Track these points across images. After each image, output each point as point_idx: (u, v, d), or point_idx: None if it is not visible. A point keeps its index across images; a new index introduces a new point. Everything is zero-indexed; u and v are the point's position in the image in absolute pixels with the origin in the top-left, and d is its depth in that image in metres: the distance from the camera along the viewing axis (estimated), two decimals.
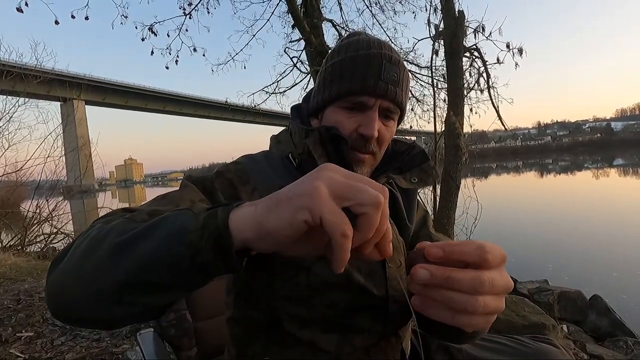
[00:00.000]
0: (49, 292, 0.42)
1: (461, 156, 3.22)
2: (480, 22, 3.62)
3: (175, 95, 72.10)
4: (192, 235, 0.36)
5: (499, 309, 0.40)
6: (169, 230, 0.37)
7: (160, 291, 0.38)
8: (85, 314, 0.41)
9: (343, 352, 0.60)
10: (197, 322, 0.96)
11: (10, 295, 2.97)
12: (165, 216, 0.40)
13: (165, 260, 0.36)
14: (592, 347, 2.31)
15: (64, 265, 0.41)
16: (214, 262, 0.36)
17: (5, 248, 5.74)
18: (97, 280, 0.38)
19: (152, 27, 4.26)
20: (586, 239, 6.56)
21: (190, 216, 0.38)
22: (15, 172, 6.75)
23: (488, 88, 3.91)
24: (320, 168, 0.36)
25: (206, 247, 0.36)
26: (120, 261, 0.38)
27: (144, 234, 0.38)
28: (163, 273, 0.37)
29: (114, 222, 0.43)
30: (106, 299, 0.38)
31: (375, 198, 0.32)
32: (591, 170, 28.04)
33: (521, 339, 0.73)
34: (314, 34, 4.09)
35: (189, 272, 0.37)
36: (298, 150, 0.68)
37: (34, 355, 1.97)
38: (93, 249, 0.40)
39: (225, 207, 0.38)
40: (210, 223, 0.36)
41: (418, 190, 0.77)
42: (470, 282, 0.37)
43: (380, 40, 0.67)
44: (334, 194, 0.33)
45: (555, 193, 15.19)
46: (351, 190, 0.33)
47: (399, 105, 0.65)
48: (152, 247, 0.37)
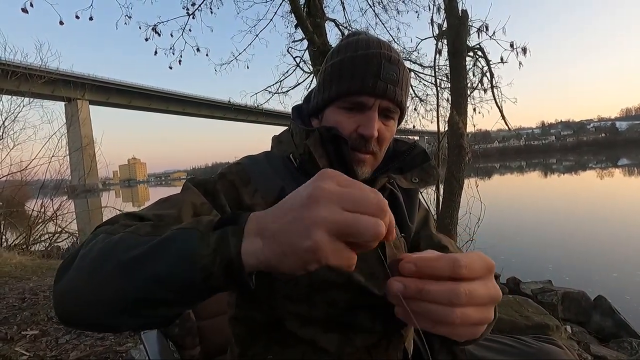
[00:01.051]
0: (57, 299, 0.42)
1: (464, 156, 3.22)
2: (483, 22, 3.61)
3: (178, 95, 72.32)
4: (204, 260, 0.36)
5: (485, 319, 0.39)
6: (180, 253, 0.37)
7: (171, 306, 0.40)
8: (93, 323, 0.42)
9: (344, 351, 0.60)
10: (200, 321, 0.96)
11: (16, 294, 3.00)
12: (173, 235, 0.40)
13: (177, 283, 0.37)
14: (596, 347, 2.30)
15: (72, 275, 0.42)
16: (226, 285, 0.38)
17: (11, 247, 5.78)
18: (109, 293, 0.39)
19: (155, 27, 4.27)
20: (588, 239, 6.52)
21: (199, 237, 0.38)
22: (20, 172, 6.80)
23: (492, 87, 3.90)
24: (315, 187, 0.34)
25: (218, 272, 0.36)
26: (129, 280, 0.38)
27: (153, 253, 0.39)
28: (174, 292, 0.38)
29: (119, 234, 0.43)
30: (117, 310, 0.40)
31: (375, 235, 0.32)
32: (595, 170, 27.86)
33: (524, 339, 0.73)
34: (316, 33, 4.09)
35: (201, 291, 0.38)
36: (299, 150, 0.68)
37: (39, 354, 1.98)
38: (101, 265, 0.40)
39: (234, 228, 0.37)
40: (221, 249, 0.36)
41: (420, 190, 0.77)
42: (446, 294, 0.36)
43: (379, 39, 0.66)
44: (336, 234, 0.32)
45: (559, 193, 15.10)
46: (351, 230, 0.32)
47: (398, 104, 0.65)
48: (163, 267, 0.37)
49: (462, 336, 0.39)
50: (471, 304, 0.37)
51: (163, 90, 69.92)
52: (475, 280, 0.38)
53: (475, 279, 0.38)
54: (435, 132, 4.02)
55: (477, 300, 0.37)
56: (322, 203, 0.33)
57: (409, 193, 0.73)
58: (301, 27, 4.14)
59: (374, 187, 0.68)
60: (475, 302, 0.37)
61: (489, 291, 0.39)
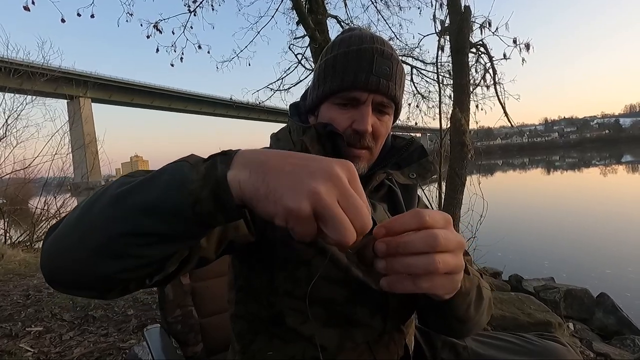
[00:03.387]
0: (45, 255, 0.41)
1: (467, 153, 3.20)
2: (486, 18, 3.59)
3: (180, 92, 72.33)
4: (193, 185, 0.36)
5: (459, 266, 0.42)
6: (169, 180, 0.37)
7: (160, 242, 0.38)
8: (81, 273, 0.39)
9: (345, 346, 0.61)
10: (202, 318, 0.97)
11: (20, 291, 3.02)
12: (163, 168, 0.40)
13: (165, 209, 0.36)
14: (599, 345, 2.29)
15: (60, 229, 0.41)
16: (215, 211, 0.37)
17: (14, 244, 5.81)
18: (96, 233, 0.38)
19: (157, 25, 4.27)
20: (592, 236, 6.49)
21: (189, 166, 0.38)
22: (24, 170, 6.81)
23: (494, 84, 3.87)
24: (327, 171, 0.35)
25: (206, 196, 0.36)
26: (119, 210, 0.37)
27: (143, 184, 0.38)
28: (163, 222, 0.36)
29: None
30: (104, 252, 0.38)
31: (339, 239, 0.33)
32: (599, 167, 27.70)
33: (527, 337, 0.73)
34: (318, 30, 4.07)
35: (189, 221, 0.37)
36: (296, 147, 0.68)
37: (43, 350, 2.00)
38: (91, 205, 0.39)
39: (223, 157, 0.38)
40: (209, 173, 0.37)
41: (421, 186, 0.77)
42: (424, 239, 0.39)
43: (373, 34, 0.66)
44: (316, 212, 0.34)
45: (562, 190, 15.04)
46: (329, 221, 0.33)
47: (392, 99, 0.65)
48: (153, 195, 0.36)
49: (444, 288, 0.43)
50: (447, 248, 0.40)
51: (165, 88, 69.96)
52: (442, 229, 0.41)
53: (440, 228, 0.41)
54: (437, 129, 4.00)
55: (451, 244, 0.40)
56: (328, 183, 0.34)
57: (408, 189, 0.73)
58: (303, 23, 4.13)
59: (372, 183, 0.68)
60: (449, 245, 0.40)
61: (456, 236, 0.42)
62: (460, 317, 0.58)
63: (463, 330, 0.63)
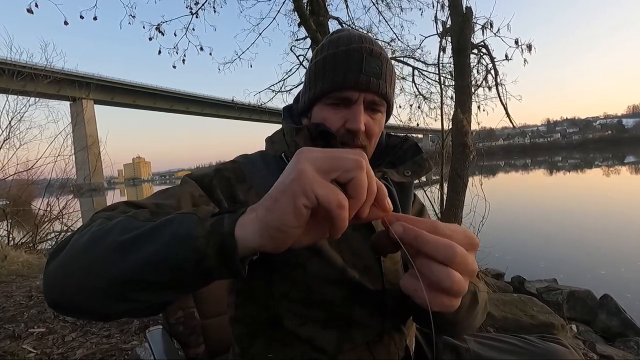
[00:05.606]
0: (48, 282, 0.42)
1: (469, 154, 3.19)
2: (488, 19, 3.58)
3: (182, 94, 72.53)
4: (198, 241, 0.36)
5: (464, 289, 0.38)
6: (175, 234, 0.38)
7: (162, 290, 0.39)
8: (82, 306, 0.41)
9: (344, 348, 0.60)
10: (204, 320, 0.97)
11: (23, 292, 3.03)
12: (171, 218, 0.40)
13: (170, 264, 0.37)
14: (602, 347, 2.28)
15: (64, 257, 0.42)
16: (217, 268, 0.37)
17: (17, 245, 5.83)
18: (99, 275, 0.39)
19: (159, 27, 4.29)
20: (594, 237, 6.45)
21: (196, 221, 0.38)
22: (27, 171, 6.83)
23: (496, 85, 3.86)
24: (297, 153, 0.36)
25: (211, 253, 0.36)
26: (123, 259, 0.38)
27: (149, 234, 0.39)
28: (167, 274, 0.37)
29: (117, 219, 0.43)
30: (105, 294, 0.39)
31: (356, 161, 0.34)
32: (601, 168, 27.56)
33: (530, 339, 0.73)
34: (320, 32, 4.08)
35: (193, 275, 0.38)
36: (291, 149, 0.69)
37: (45, 351, 2.00)
38: (95, 244, 0.40)
39: (231, 214, 0.39)
40: (216, 230, 0.37)
41: (421, 185, 0.77)
42: (443, 246, 0.36)
43: (361, 34, 0.67)
44: (318, 170, 0.34)
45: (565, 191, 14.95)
46: (333, 161, 0.35)
47: (383, 97, 0.65)
48: (157, 249, 0.37)
49: (447, 306, 0.38)
50: (464, 270, 0.36)
51: (167, 90, 70.16)
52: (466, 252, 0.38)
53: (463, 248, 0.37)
54: (439, 130, 3.99)
55: (468, 267, 0.37)
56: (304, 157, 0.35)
57: (403, 187, 0.73)
58: (304, 25, 4.13)
59: None
60: (466, 266, 0.36)
61: (474, 263, 0.38)
62: (451, 320, 0.58)
63: (454, 331, 0.64)
